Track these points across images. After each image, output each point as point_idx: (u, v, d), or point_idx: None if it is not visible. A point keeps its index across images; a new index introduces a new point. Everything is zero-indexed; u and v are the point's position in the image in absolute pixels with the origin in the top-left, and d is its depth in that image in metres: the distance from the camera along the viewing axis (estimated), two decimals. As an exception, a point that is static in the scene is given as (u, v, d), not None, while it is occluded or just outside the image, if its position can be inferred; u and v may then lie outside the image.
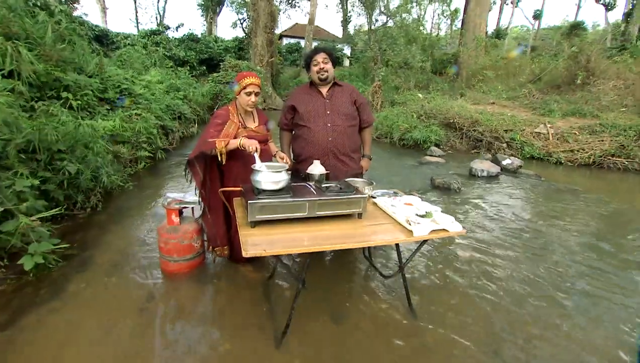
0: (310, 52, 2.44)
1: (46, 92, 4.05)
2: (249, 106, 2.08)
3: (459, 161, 6.77)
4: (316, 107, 2.41)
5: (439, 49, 18.16)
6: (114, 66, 6.74)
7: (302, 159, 2.44)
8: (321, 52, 2.37)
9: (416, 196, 2.31)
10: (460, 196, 4.53)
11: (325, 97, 2.43)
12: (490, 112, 8.64)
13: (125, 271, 2.50)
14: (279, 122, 2.62)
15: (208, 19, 26.16)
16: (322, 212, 1.84)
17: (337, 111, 2.41)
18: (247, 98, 2.05)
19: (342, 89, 2.49)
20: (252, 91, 2.05)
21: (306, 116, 2.40)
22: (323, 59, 2.35)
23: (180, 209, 2.35)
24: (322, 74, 2.37)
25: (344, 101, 2.44)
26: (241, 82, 2.04)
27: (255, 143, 1.93)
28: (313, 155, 2.33)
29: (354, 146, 2.50)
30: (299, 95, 2.49)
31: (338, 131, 2.39)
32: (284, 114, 2.56)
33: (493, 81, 11.73)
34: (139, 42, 14.33)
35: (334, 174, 2.40)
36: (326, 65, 2.36)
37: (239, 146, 1.95)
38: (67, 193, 3.26)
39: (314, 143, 2.38)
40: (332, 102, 2.42)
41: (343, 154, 2.43)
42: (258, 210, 1.71)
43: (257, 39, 15.83)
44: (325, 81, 2.40)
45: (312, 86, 2.48)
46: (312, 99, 2.43)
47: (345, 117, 2.42)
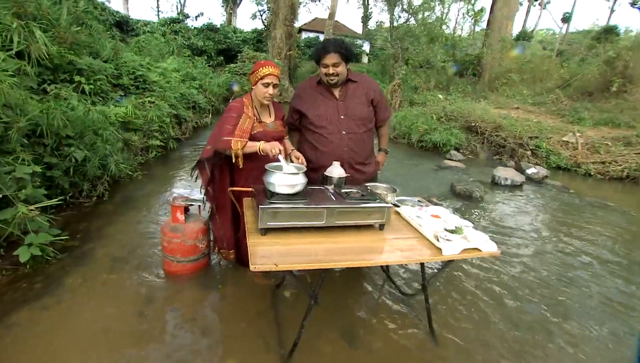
0: (319, 47, 2.02)
1: (59, 75, 3.95)
2: (266, 98, 1.88)
3: (480, 167, 6.46)
4: (328, 111, 2.09)
5: (460, 50, 17.61)
6: (131, 52, 6.65)
7: (313, 167, 2.17)
8: (332, 52, 1.96)
9: (444, 208, 2.08)
10: (483, 206, 4.26)
11: (339, 98, 2.12)
12: (515, 118, 8.25)
13: (126, 268, 2.36)
14: (286, 120, 2.27)
15: (228, 10, 26.06)
16: (341, 222, 1.64)
17: (352, 116, 2.10)
18: (265, 90, 1.85)
19: (357, 86, 2.15)
20: (271, 82, 1.84)
21: (317, 122, 2.09)
22: (333, 63, 1.98)
23: (186, 206, 2.19)
24: (332, 79, 2.04)
25: (360, 102, 2.14)
26: (258, 71, 1.84)
27: (277, 145, 1.74)
28: (326, 165, 2.08)
29: (368, 151, 2.25)
30: (307, 95, 2.16)
31: (354, 139, 2.13)
32: (290, 114, 2.25)
33: (518, 84, 11.25)
34: (158, 30, 14.31)
35: (351, 184, 2.19)
36: (337, 68, 2.00)
37: (258, 151, 1.75)
38: (73, 181, 3.14)
39: (327, 154, 2.10)
40: (347, 104, 2.11)
41: (359, 163, 2.19)
42: (270, 216, 1.52)
43: (276, 31, 15.60)
44: (335, 85, 2.09)
45: (321, 84, 2.14)
46: (323, 101, 2.12)
47: (362, 121, 2.14)
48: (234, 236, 2.11)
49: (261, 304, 2.10)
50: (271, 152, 1.73)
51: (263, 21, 21.80)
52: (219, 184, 1.98)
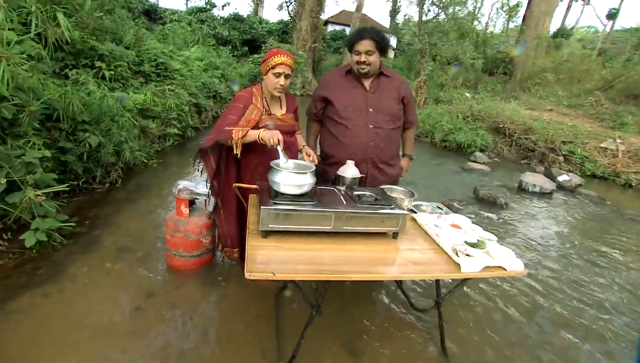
0: (353, 34, 1.90)
1: (81, 60, 3.97)
2: (276, 90, 1.74)
3: (507, 171, 6.10)
4: (356, 102, 1.94)
5: (491, 47, 16.81)
6: (155, 40, 6.68)
7: (333, 161, 2.04)
8: (366, 39, 1.83)
9: (465, 217, 1.89)
10: (507, 213, 3.98)
11: (368, 90, 1.97)
12: (547, 120, 7.76)
13: (131, 259, 2.31)
14: (307, 110, 2.17)
15: (255, 1, 26.05)
16: (351, 228, 1.50)
17: (381, 109, 1.94)
18: (275, 80, 1.71)
19: (390, 81, 2.00)
20: (282, 72, 1.70)
21: (344, 112, 1.93)
22: (366, 50, 1.84)
23: (191, 199, 2.11)
24: (363, 68, 1.89)
25: (390, 96, 1.98)
26: (269, 60, 1.70)
27: (277, 134, 1.60)
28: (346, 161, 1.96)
29: (395, 151, 2.09)
30: (335, 83, 2.01)
31: (381, 134, 1.96)
32: (313, 103, 2.13)
33: (553, 85, 10.59)
34: (185, 19, 14.45)
35: (370, 185, 2.03)
36: (370, 57, 1.85)
37: (257, 139, 1.63)
38: (87, 166, 3.15)
39: (351, 147, 1.96)
40: (376, 97, 1.95)
41: (383, 162, 2.02)
42: (272, 218, 1.40)
43: (302, 23, 15.44)
44: (366, 75, 1.94)
45: (350, 73, 2.00)
46: (351, 91, 1.97)
47: (390, 117, 1.98)
48: (238, 234, 2.01)
49: (263, 306, 2.00)
50: (269, 141, 1.59)
51: (289, 12, 21.64)
52: (224, 179, 1.88)
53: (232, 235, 2.01)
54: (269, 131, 1.64)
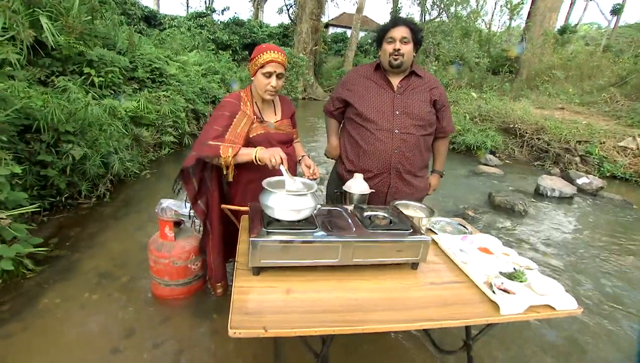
0: (386, 23, 1.70)
1: (68, 67, 3.75)
2: (267, 92, 1.48)
3: (520, 173, 5.79)
4: (380, 103, 1.70)
5: (494, 45, 16.49)
6: (151, 45, 6.48)
7: (352, 168, 1.78)
8: (402, 26, 1.63)
9: (494, 238, 1.61)
10: (526, 222, 3.68)
11: (396, 90, 1.72)
12: (559, 119, 7.43)
13: (112, 287, 2.06)
14: (324, 107, 1.97)
15: (255, 5, 25.97)
16: (362, 260, 1.23)
17: (409, 113, 1.69)
18: (266, 82, 1.45)
19: (421, 81, 1.76)
20: (273, 71, 1.44)
21: (366, 113, 1.70)
22: (402, 37, 1.62)
23: (177, 220, 1.84)
24: (396, 58, 1.64)
25: (421, 99, 1.72)
26: (257, 58, 1.44)
27: (278, 152, 1.34)
28: (369, 169, 1.70)
29: (423, 162, 1.82)
30: (358, 82, 1.78)
31: (408, 141, 1.69)
32: (332, 101, 1.89)
33: (563, 82, 10.25)
34: (184, 24, 14.31)
35: (392, 198, 1.76)
36: (405, 46, 1.63)
37: (254, 159, 1.37)
38: (71, 180, 2.91)
39: (372, 154, 1.71)
40: (405, 98, 1.71)
41: (409, 172, 1.75)
42: (265, 252, 1.13)
43: (302, 25, 15.25)
44: (399, 67, 1.68)
45: (378, 70, 1.76)
46: (376, 91, 1.73)
47: (420, 122, 1.71)
48: (222, 264, 1.71)
49: (260, 345, 1.72)
50: (270, 162, 1.33)
51: (289, 16, 21.52)
52: (210, 198, 1.60)
53: (215, 266, 1.70)
54: (266, 149, 1.38)
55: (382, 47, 1.69)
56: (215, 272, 1.71)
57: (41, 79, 3.52)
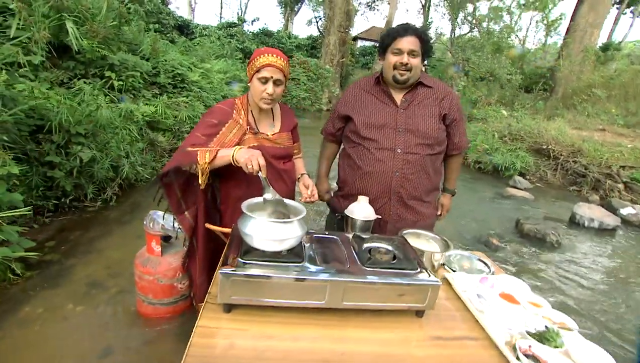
0: (392, 30, 1.48)
1: (91, 70, 3.82)
2: (263, 100, 1.32)
3: (552, 199, 5.34)
4: (381, 119, 1.50)
5: (528, 62, 15.83)
6: (177, 52, 6.63)
7: (346, 193, 1.61)
8: (411, 36, 1.42)
9: (520, 281, 1.35)
10: (559, 255, 3.30)
11: (400, 105, 1.52)
12: (600, 141, 6.89)
13: (99, 299, 1.95)
14: (322, 129, 1.78)
15: (286, 16, 26.60)
16: (354, 304, 1.02)
17: (414, 130, 1.48)
18: (261, 88, 1.29)
19: (430, 92, 1.54)
20: (270, 76, 1.28)
21: (365, 131, 1.51)
22: (410, 50, 1.42)
23: (164, 235, 1.72)
24: (403, 73, 1.44)
25: (428, 113, 1.50)
26: (254, 61, 1.29)
27: (257, 155, 1.16)
28: (366, 193, 1.49)
29: (432, 185, 1.59)
30: (358, 96, 1.60)
31: (412, 162, 1.48)
32: (332, 121, 1.70)
33: (604, 102, 9.58)
34: (215, 34, 14.76)
35: (394, 226, 1.55)
36: (413, 60, 1.43)
37: (231, 160, 1.20)
38: (78, 182, 2.89)
39: (370, 176, 1.51)
40: (409, 113, 1.50)
41: (413, 197, 1.54)
42: (237, 287, 0.96)
43: (330, 37, 15.37)
44: (404, 83, 1.48)
45: (379, 83, 1.56)
46: (377, 106, 1.54)
47: (426, 140, 1.49)
48: (207, 283, 1.52)
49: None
50: (246, 166, 1.15)
51: (318, 28, 21.82)
52: (196, 214, 1.44)
53: (198, 285, 1.51)
54: (246, 150, 1.20)
55: (386, 57, 1.48)
56: (198, 291, 1.53)
57: (64, 81, 3.60)
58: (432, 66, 21.32)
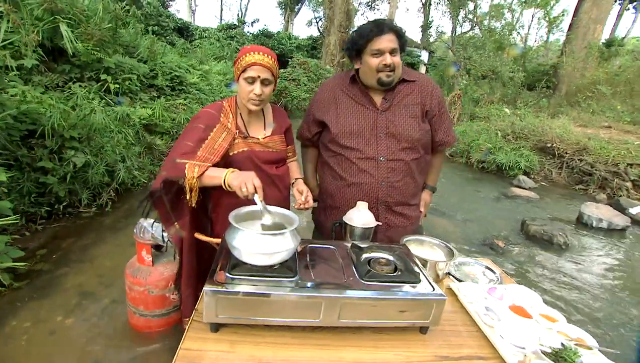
0: (364, 29, 1.32)
1: (86, 73, 3.77)
2: (251, 102, 1.23)
3: (558, 198, 5.23)
4: (360, 125, 1.40)
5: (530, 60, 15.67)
6: (175, 54, 6.57)
7: (329, 205, 1.52)
8: (388, 33, 1.28)
9: (531, 291, 1.27)
10: (567, 257, 3.20)
11: (380, 106, 1.40)
12: (606, 139, 6.74)
13: (90, 311, 1.88)
14: (297, 133, 1.62)
15: (286, 17, 26.56)
16: (352, 321, 0.94)
17: (395, 133, 1.37)
18: (248, 88, 1.21)
19: (411, 88, 1.41)
20: (257, 75, 1.19)
21: (344, 140, 1.40)
22: (391, 48, 1.28)
23: (155, 244, 1.64)
24: (389, 75, 1.32)
25: (410, 113, 1.39)
26: (240, 60, 1.21)
27: (251, 178, 1.07)
28: (351, 204, 1.38)
29: (417, 188, 1.50)
30: (334, 98, 1.46)
31: (397, 169, 1.39)
32: (307, 125, 1.56)
33: (609, 98, 9.44)
34: (215, 36, 14.72)
35: (384, 235, 1.46)
36: (395, 59, 1.30)
37: (223, 184, 1.11)
38: (72, 188, 2.82)
39: (356, 187, 1.43)
40: (389, 116, 1.39)
41: (400, 203, 1.45)
42: (225, 305, 0.88)
43: (330, 37, 15.31)
44: (390, 85, 1.36)
45: (355, 82, 1.43)
46: (356, 110, 1.42)
47: (410, 144, 1.39)
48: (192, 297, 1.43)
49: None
50: (240, 191, 1.07)
51: (318, 28, 21.79)
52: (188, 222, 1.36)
53: (184, 298, 1.39)
54: (238, 172, 1.11)
55: (365, 60, 1.33)
56: (183, 305, 1.44)
57: (59, 84, 3.54)
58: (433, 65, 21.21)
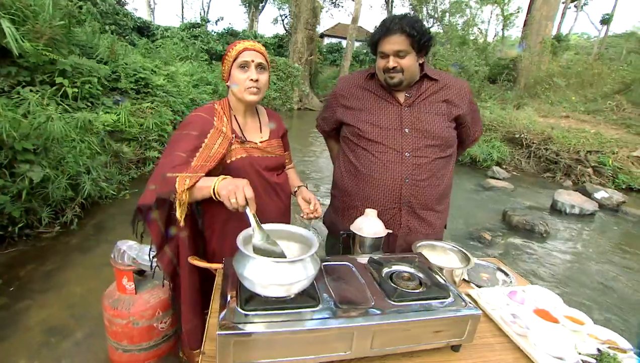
0: (377, 27, 1.28)
1: (37, 76, 3.38)
2: (248, 91, 1.10)
3: (530, 187, 5.46)
4: (384, 119, 1.31)
5: (489, 54, 16.43)
6: (138, 54, 6.14)
7: (348, 205, 1.41)
8: (396, 34, 1.20)
9: (549, 291, 1.23)
10: (549, 244, 3.31)
11: (404, 102, 1.33)
12: (565, 128, 7.16)
13: (61, 349, 1.64)
14: (318, 125, 1.59)
15: (250, 16, 25.97)
16: (385, 349, 0.84)
17: (422, 129, 1.30)
18: (244, 76, 1.09)
19: (436, 86, 1.34)
20: (251, 59, 1.08)
21: (367, 133, 1.32)
22: (395, 50, 1.21)
23: (136, 269, 1.45)
24: (392, 77, 1.26)
25: (437, 111, 1.32)
26: (229, 53, 1.10)
27: (242, 186, 0.92)
28: (373, 203, 1.31)
29: (443, 191, 1.41)
30: (354, 94, 1.40)
31: (423, 165, 1.30)
32: (325, 121, 1.52)
33: (564, 90, 10.05)
34: (178, 35, 14.07)
35: (404, 241, 1.38)
36: (402, 60, 1.23)
37: (212, 194, 0.97)
38: (29, 206, 2.50)
39: (377, 184, 1.32)
40: (414, 111, 1.31)
41: (425, 207, 1.36)
42: (242, 350, 0.74)
43: (297, 35, 15.12)
44: (398, 86, 1.29)
45: (374, 79, 1.37)
46: (378, 104, 1.35)
47: (436, 141, 1.31)
48: (201, 327, 1.29)
49: None
50: (229, 201, 0.92)
51: (284, 26, 21.53)
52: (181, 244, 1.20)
53: (188, 331, 1.25)
54: (230, 181, 0.95)
55: (377, 60, 1.30)
56: (189, 337, 1.28)
57: (4, 89, 3.15)
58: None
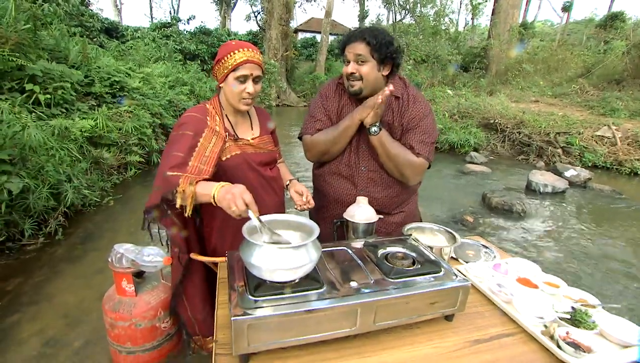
0: (344, 36, 1.34)
1: (5, 83, 3.24)
2: (243, 101, 1.14)
3: (506, 169, 5.71)
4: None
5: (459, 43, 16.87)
6: (110, 57, 5.95)
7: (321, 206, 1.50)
8: (357, 41, 1.25)
9: (530, 262, 1.34)
10: (527, 223, 3.50)
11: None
12: (536, 112, 7.50)
13: (59, 359, 1.63)
14: (303, 131, 1.48)
15: (222, 13, 25.43)
16: (387, 322, 0.91)
17: None
18: (241, 88, 1.11)
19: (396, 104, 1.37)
20: (249, 73, 1.11)
21: None
22: (356, 54, 1.25)
23: (136, 271, 1.46)
24: (352, 84, 1.30)
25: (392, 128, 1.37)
26: (227, 59, 1.10)
27: (242, 194, 0.93)
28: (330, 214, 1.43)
29: (400, 200, 1.49)
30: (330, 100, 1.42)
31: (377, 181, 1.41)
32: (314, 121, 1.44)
33: (532, 75, 10.47)
34: (149, 35, 13.63)
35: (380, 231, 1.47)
36: (360, 67, 1.27)
37: (212, 200, 0.99)
38: (10, 219, 2.43)
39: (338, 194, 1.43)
40: None
41: (383, 213, 1.43)
42: (256, 333, 0.79)
43: (272, 31, 14.98)
44: (357, 95, 1.33)
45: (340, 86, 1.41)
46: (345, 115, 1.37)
47: None
48: (210, 315, 1.32)
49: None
50: (230, 209, 0.94)
51: (258, 22, 21.23)
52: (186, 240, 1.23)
53: (200, 321, 1.35)
54: (227, 189, 0.96)
55: None
56: (200, 327, 1.32)
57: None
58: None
